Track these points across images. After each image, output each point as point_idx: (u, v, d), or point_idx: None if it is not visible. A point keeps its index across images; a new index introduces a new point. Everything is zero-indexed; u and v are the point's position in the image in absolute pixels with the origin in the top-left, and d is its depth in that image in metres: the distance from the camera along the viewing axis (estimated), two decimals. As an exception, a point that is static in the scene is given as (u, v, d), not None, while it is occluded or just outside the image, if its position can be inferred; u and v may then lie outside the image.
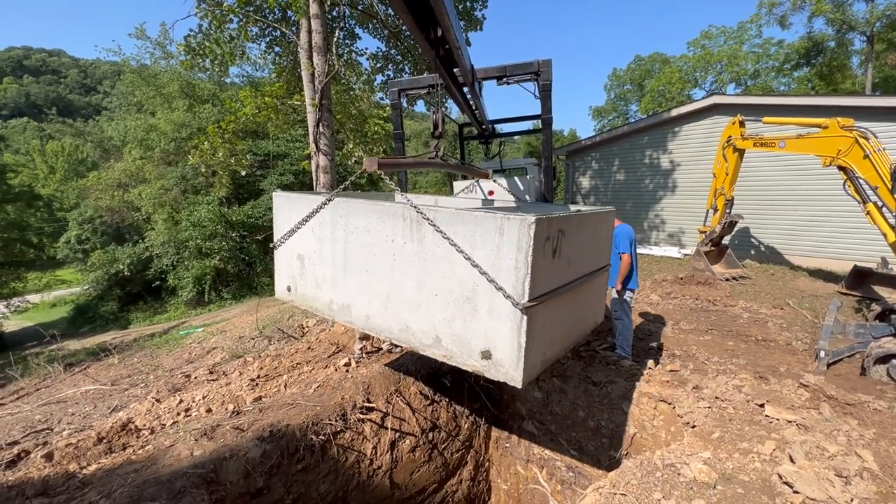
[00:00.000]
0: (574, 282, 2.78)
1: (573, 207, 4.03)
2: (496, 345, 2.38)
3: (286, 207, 3.77)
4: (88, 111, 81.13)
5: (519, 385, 2.31)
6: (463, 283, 2.46)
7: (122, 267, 22.05)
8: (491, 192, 7.28)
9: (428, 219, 2.55)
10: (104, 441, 3.73)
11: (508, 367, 2.34)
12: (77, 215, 27.96)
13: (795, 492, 2.17)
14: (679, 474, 2.44)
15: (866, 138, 6.00)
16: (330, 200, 3.34)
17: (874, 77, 26.23)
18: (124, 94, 27.50)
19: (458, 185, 8.28)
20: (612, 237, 3.66)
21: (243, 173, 9.60)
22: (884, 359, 4.46)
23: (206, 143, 8.10)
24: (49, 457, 3.41)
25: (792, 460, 2.46)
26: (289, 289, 3.87)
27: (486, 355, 2.43)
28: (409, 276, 2.80)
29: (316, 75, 6.58)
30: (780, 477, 2.30)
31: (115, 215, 25.04)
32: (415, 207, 2.62)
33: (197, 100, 23.73)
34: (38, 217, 34.29)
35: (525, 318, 2.25)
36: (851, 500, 2.04)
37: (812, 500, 2.08)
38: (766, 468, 2.45)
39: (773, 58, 31.13)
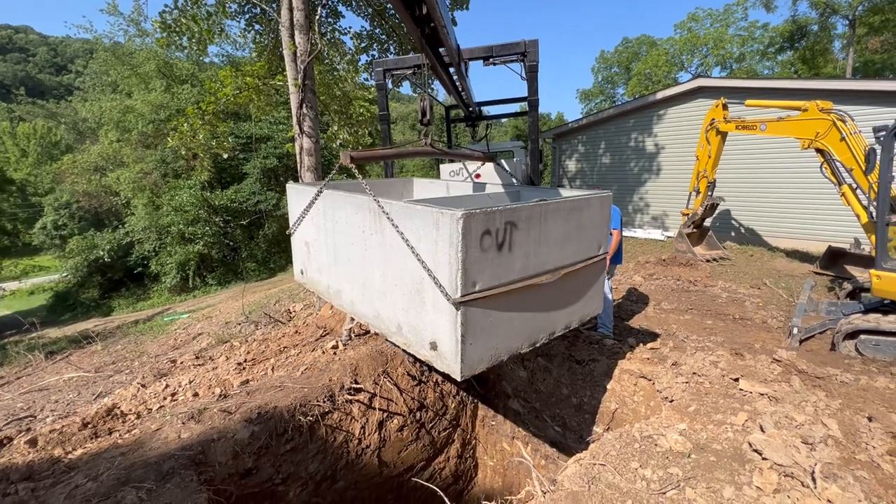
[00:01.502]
0: (539, 275, 2.66)
1: (564, 192, 3.72)
2: (439, 337, 2.40)
3: (295, 198, 4.06)
4: (60, 91, 77.81)
5: (458, 378, 2.34)
6: (413, 275, 2.46)
7: (101, 253, 21.54)
8: (478, 176, 7.26)
9: (385, 212, 2.57)
10: (89, 426, 3.72)
11: (450, 360, 2.36)
12: (52, 200, 27.07)
13: (764, 458, 2.29)
14: (656, 445, 2.54)
15: (843, 121, 6.13)
16: (320, 193, 3.49)
17: (855, 61, 26.60)
18: (98, 74, 26.44)
19: (445, 168, 8.24)
20: (606, 223, 3.28)
21: (225, 156, 9.39)
22: (852, 334, 4.65)
23: (185, 124, 7.88)
24: (33, 442, 3.39)
25: (762, 430, 2.58)
26: (301, 272, 4.27)
27: (434, 346, 2.47)
28: (376, 265, 2.88)
29: (298, 54, 6.42)
30: (751, 445, 2.42)
31: (93, 200, 24.34)
32: (376, 200, 2.65)
33: (175, 80, 22.95)
34: (10, 203, 33.11)
35: (459, 313, 2.22)
36: (815, 464, 2.15)
37: (779, 465, 2.19)
38: (738, 437, 2.57)
39: (759, 41, 31.30)
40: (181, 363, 5.92)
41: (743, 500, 2.04)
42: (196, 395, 4.31)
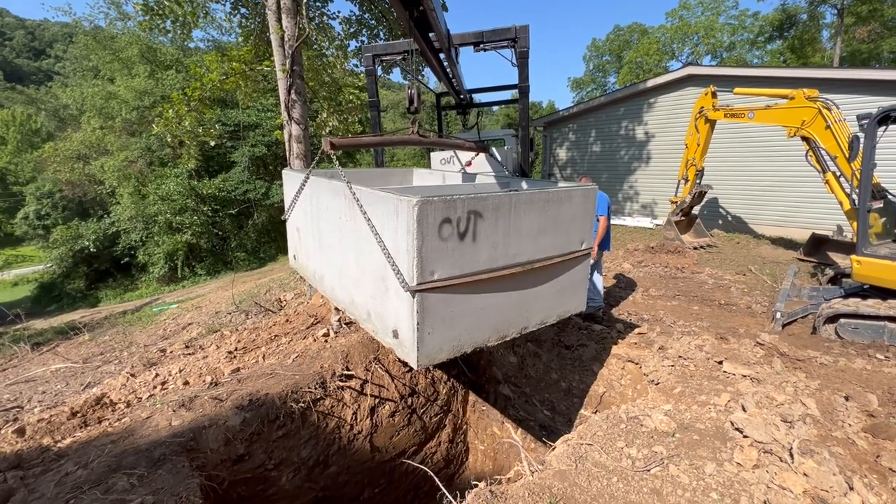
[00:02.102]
0: (510, 267, 2.59)
1: (562, 184, 3.57)
2: (399, 325, 2.39)
3: (289, 184, 4.06)
4: (39, 77, 75.43)
5: (415, 366, 2.34)
6: (378, 262, 2.45)
7: (87, 243, 21.16)
8: (469, 164, 7.24)
9: (356, 198, 2.55)
10: (78, 415, 3.70)
11: (408, 349, 2.35)
12: (34, 189, 26.46)
13: (745, 436, 2.36)
14: (642, 425, 2.61)
15: (829, 109, 6.21)
16: (307, 178, 3.50)
17: (842, 51, 26.81)
18: (78, 59, 25.70)
19: (436, 156, 8.20)
20: (589, 217, 3.11)
21: (212, 144, 9.22)
22: (832, 318, 4.77)
23: (170, 110, 7.71)
24: (20, 432, 3.37)
25: (744, 409, 2.66)
26: (294, 257, 4.26)
27: (395, 334, 2.45)
28: (350, 251, 2.87)
29: (286, 39, 6.29)
30: (732, 424, 2.49)
31: (77, 189, 23.82)
32: (348, 185, 2.62)
33: (159, 65, 22.39)
34: (-10, 192, 32.29)
35: (416, 301, 2.20)
36: (793, 441, 2.23)
37: (759, 442, 2.26)
38: (721, 417, 2.64)
39: (749, 30, 31.38)
40: (171, 353, 5.89)
41: (724, 476, 2.11)
42: (186, 383, 4.30)
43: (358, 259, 2.78)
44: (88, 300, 21.18)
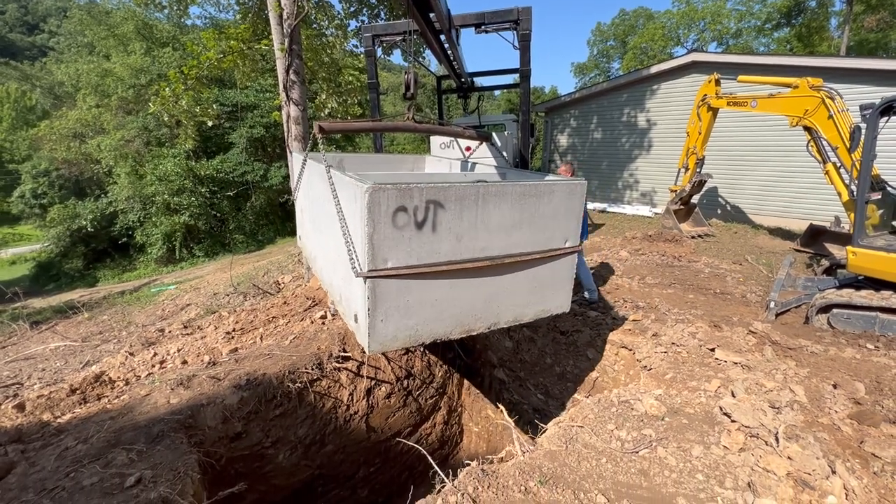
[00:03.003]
0: (477, 261, 2.53)
1: (549, 177, 3.45)
2: (357, 310, 2.42)
3: (295, 165, 4.29)
4: (33, 52, 73.98)
5: (367, 352, 2.38)
6: (346, 247, 2.47)
7: (84, 223, 21.05)
8: (468, 149, 7.19)
9: (331, 182, 2.57)
10: (77, 392, 3.74)
11: (363, 334, 2.39)
12: (30, 168, 26.17)
13: (733, 420, 2.41)
14: (632, 409, 2.66)
15: (832, 98, 6.15)
16: (305, 161, 3.57)
17: (850, 40, 26.42)
18: (73, 35, 25.21)
19: (436, 140, 8.13)
20: (574, 213, 2.86)
21: (210, 124, 9.12)
22: (825, 308, 4.82)
23: (167, 89, 7.60)
24: (20, 407, 3.41)
25: (733, 395, 2.71)
26: (299, 237, 4.50)
27: (356, 318, 2.48)
28: (331, 234, 2.90)
29: (284, 17, 6.17)
30: (721, 409, 2.54)
31: (73, 168, 23.58)
32: (327, 168, 2.64)
33: (156, 43, 21.98)
34: (-14, 169, 31.99)
35: (367, 287, 2.22)
36: (779, 426, 2.28)
37: (746, 426, 2.31)
38: (710, 402, 2.69)
39: (756, 16, 30.83)
40: (169, 332, 5.93)
41: (710, 458, 2.16)
42: (185, 362, 4.34)
43: (336, 243, 2.79)
44: (86, 280, 21.19)
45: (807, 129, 6.50)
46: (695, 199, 9.89)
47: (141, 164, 19.88)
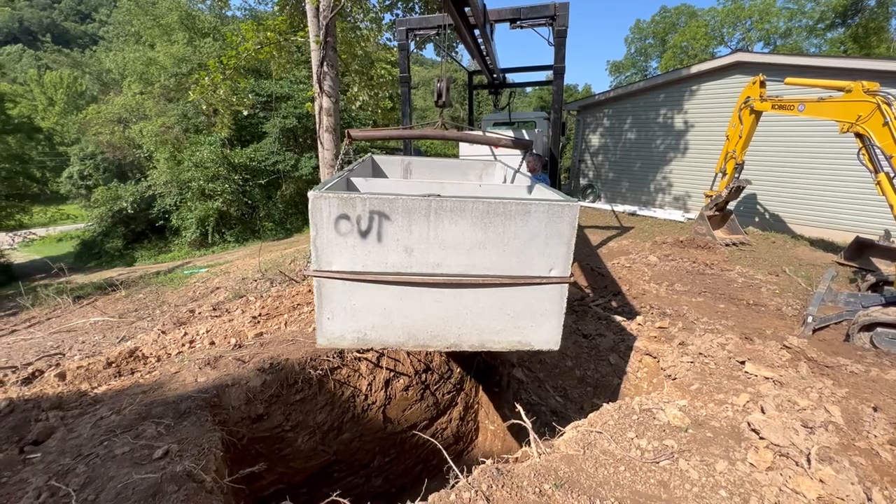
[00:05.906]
0: (431, 276, 2.47)
1: (539, 195, 3.25)
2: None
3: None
4: (85, 40, 77.76)
5: (317, 344, 2.57)
6: None
7: (125, 205, 22.05)
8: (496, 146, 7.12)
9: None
10: (113, 365, 3.93)
11: (316, 327, 2.60)
12: (78, 150, 27.59)
13: (761, 438, 2.31)
14: (654, 418, 2.58)
15: (889, 105, 5.77)
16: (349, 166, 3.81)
17: (911, 42, 24.74)
18: (121, 24, 26.33)
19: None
20: (561, 239, 2.49)
21: (245, 113, 9.37)
22: (869, 327, 4.56)
23: (206, 78, 7.84)
24: (62, 376, 3.61)
25: (763, 411, 2.59)
26: None
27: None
28: None
29: (320, 10, 6.25)
30: (749, 425, 2.44)
31: (117, 152, 24.74)
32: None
33: (197, 33, 22.71)
34: (38, 150, 33.87)
35: (315, 285, 2.45)
36: (812, 447, 2.17)
37: (775, 444, 2.21)
38: (738, 417, 2.59)
39: (808, 15, 29.21)
40: (199, 314, 6.15)
41: (735, 475, 2.08)
42: (213, 343, 4.50)
43: None
44: (125, 259, 22.22)
45: (858, 136, 6.12)
46: (731, 206, 9.50)
47: (179, 150, 20.63)
